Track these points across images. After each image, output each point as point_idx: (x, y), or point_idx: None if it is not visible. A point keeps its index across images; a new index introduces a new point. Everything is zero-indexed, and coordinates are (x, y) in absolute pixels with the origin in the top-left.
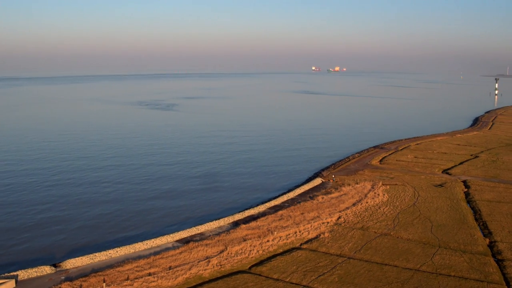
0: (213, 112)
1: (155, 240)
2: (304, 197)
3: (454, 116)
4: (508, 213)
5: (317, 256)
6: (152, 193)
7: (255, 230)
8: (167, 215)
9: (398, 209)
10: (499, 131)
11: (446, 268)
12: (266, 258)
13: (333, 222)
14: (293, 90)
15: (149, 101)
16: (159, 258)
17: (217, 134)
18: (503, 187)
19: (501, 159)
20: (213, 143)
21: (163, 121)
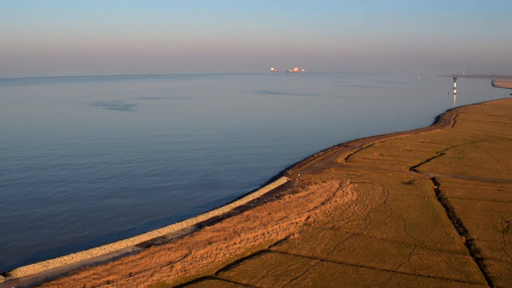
0: (172, 112)
1: (113, 244)
2: (270, 196)
3: (416, 114)
4: (481, 210)
5: (288, 258)
6: (108, 193)
7: (220, 232)
8: (126, 218)
9: (368, 207)
10: (462, 129)
11: (425, 269)
12: (234, 262)
13: (303, 222)
14: (253, 90)
15: (107, 102)
16: (118, 264)
17: (176, 133)
18: (473, 183)
19: (468, 156)
20: (171, 142)
21: (120, 120)
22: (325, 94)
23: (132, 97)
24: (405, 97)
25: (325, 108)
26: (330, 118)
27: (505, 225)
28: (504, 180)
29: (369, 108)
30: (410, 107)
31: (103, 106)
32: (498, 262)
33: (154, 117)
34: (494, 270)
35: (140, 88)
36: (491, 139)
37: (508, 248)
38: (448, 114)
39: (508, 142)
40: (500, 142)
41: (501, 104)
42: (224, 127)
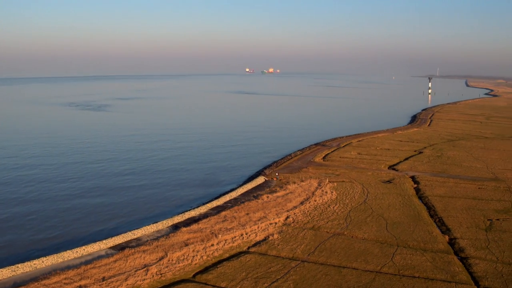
0: (146, 112)
1: (86, 247)
2: (248, 196)
3: (392, 114)
4: (463, 208)
5: (267, 260)
6: (79, 193)
7: (197, 234)
8: (98, 219)
9: (348, 207)
10: (438, 128)
11: (409, 269)
12: (212, 264)
13: (282, 223)
14: (229, 90)
15: (80, 102)
16: (91, 267)
17: (151, 133)
18: (453, 182)
19: (446, 154)
20: (145, 142)
21: (92, 121)
22: (301, 94)
23: (106, 97)
24: (381, 97)
25: (301, 108)
26: (306, 118)
27: (487, 223)
28: (484, 178)
29: (345, 107)
30: (386, 107)
31: (76, 106)
32: (483, 261)
33: (127, 117)
34: (479, 269)
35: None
36: (468, 137)
37: (492, 247)
38: (424, 113)
39: (486, 140)
40: (478, 140)
41: (476, 104)
42: (199, 127)
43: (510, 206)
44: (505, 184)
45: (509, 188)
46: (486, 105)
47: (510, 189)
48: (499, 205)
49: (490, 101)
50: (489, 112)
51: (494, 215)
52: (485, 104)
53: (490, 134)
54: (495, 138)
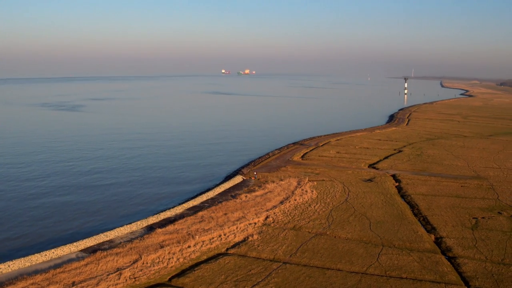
0: (122, 112)
1: (55, 250)
2: (226, 196)
3: (369, 113)
4: (447, 207)
5: (247, 262)
6: (47, 191)
7: (173, 235)
8: (69, 219)
9: (330, 206)
10: (416, 127)
11: (396, 270)
12: (189, 267)
13: (261, 223)
14: (205, 91)
15: (54, 103)
16: (60, 272)
17: (125, 133)
18: (435, 180)
19: (426, 153)
20: (119, 141)
21: (64, 120)
22: (277, 95)
23: (81, 98)
24: (357, 97)
25: (277, 108)
26: (283, 118)
27: (473, 222)
28: (466, 177)
29: (321, 107)
30: (363, 107)
31: (49, 107)
32: (472, 260)
33: (100, 116)
34: (469, 269)
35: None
36: (447, 136)
37: (480, 246)
38: (401, 113)
39: (465, 139)
40: (457, 139)
41: (452, 104)
42: (174, 126)
43: (495, 204)
44: (487, 182)
45: (492, 186)
46: (463, 105)
47: (493, 187)
48: (483, 203)
49: (466, 101)
50: (466, 111)
51: (479, 213)
52: (461, 104)
53: (468, 133)
54: (474, 137)
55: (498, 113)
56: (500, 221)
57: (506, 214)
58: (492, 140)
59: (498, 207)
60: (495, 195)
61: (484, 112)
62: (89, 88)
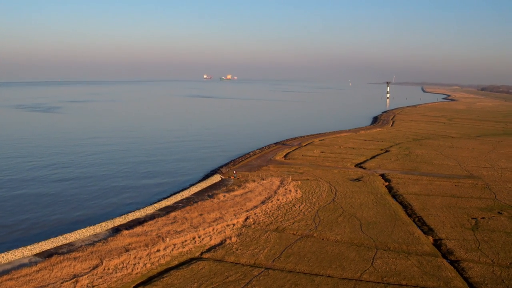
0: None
1: (5, 254)
2: (202, 196)
3: (352, 115)
4: (442, 207)
5: (224, 267)
6: (3, 193)
7: (141, 237)
8: (24, 221)
9: (316, 206)
10: (402, 128)
11: (394, 276)
12: (157, 273)
13: (241, 224)
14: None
15: (29, 105)
16: (7, 279)
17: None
18: (427, 179)
19: (414, 153)
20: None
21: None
22: (259, 98)
23: (58, 100)
24: (340, 101)
25: (259, 110)
26: (265, 119)
27: (473, 222)
28: (459, 176)
29: (304, 110)
30: (346, 109)
31: (23, 108)
32: (478, 264)
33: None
34: (475, 274)
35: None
36: (434, 137)
37: (484, 248)
38: (385, 115)
39: (453, 139)
40: (444, 139)
41: (436, 107)
42: (152, 127)
43: (493, 204)
44: (482, 182)
45: (488, 186)
46: (446, 108)
47: (489, 187)
48: (481, 203)
49: (449, 105)
50: (450, 114)
51: (478, 214)
52: (444, 107)
53: (455, 134)
54: (461, 137)
55: (483, 115)
56: (501, 222)
57: (507, 214)
58: (480, 140)
59: (497, 207)
60: (492, 194)
61: (469, 114)
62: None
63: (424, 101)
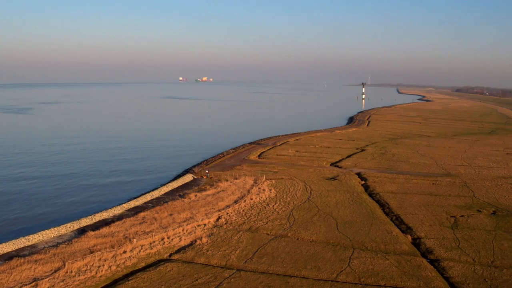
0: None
1: None
2: (173, 195)
3: (328, 115)
4: (420, 205)
5: (194, 269)
6: None
7: (107, 238)
8: None
9: (290, 205)
10: (378, 128)
11: (372, 276)
12: (122, 276)
13: (212, 224)
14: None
15: None
16: None
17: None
18: (404, 178)
19: (390, 152)
20: (64, 139)
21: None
22: (235, 99)
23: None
24: (315, 102)
25: (234, 111)
26: (239, 119)
27: (452, 221)
28: (436, 174)
29: (279, 111)
30: (321, 110)
31: None
32: (458, 263)
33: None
34: (456, 273)
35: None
36: (410, 136)
37: (464, 246)
38: (360, 115)
39: (429, 139)
40: (421, 139)
41: (412, 107)
42: (126, 128)
43: (472, 202)
44: (460, 180)
45: (466, 184)
46: (422, 108)
47: (467, 185)
48: (460, 201)
49: (424, 105)
50: (426, 114)
51: (456, 212)
52: (420, 107)
53: (431, 133)
54: (437, 137)
55: (458, 115)
56: (481, 220)
57: (487, 212)
58: (456, 139)
59: (476, 205)
60: (471, 192)
61: (444, 114)
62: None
63: (399, 101)
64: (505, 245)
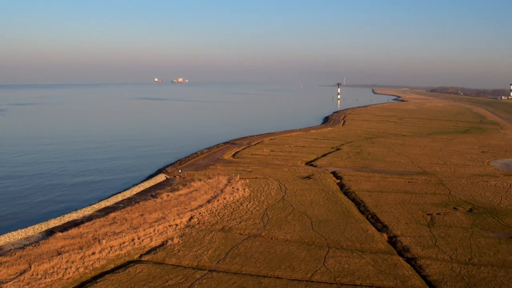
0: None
1: None
2: (145, 195)
3: (303, 116)
4: (396, 203)
5: (164, 270)
6: None
7: (76, 240)
8: None
9: (265, 204)
10: (353, 127)
11: (347, 275)
12: (91, 278)
13: (184, 224)
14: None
15: None
16: None
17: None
18: (379, 176)
19: (366, 151)
20: (31, 140)
21: None
22: (210, 100)
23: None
24: (290, 102)
25: (208, 111)
26: (214, 120)
27: (428, 218)
28: (412, 172)
29: (253, 111)
30: (296, 110)
31: None
32: (435, 261)
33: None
34: (433, 271)
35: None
36: (386, 135)
37: (441, 244)
38: (336, 115)
39: (404, 138)
40: (396, 138)
41: (387, 107)
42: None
43: (448, 200)
44: (435, 178)
45: (442, 181)
46: (397, 108)
47: (442, 182)
48: (436, 199)
49: (399, 105)
50: (401, 114)
51: (433, 209)
52: (395, 107)
53: (407, 132)
54: (413, 136)
55: (433, 115)
56: (457, 217)
57: (463, 209)
58: (431, 138)
59: (453, 202)
60: (447, 190)
61: (419, 114)
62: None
63: (375, 102)
64: (482, 242)
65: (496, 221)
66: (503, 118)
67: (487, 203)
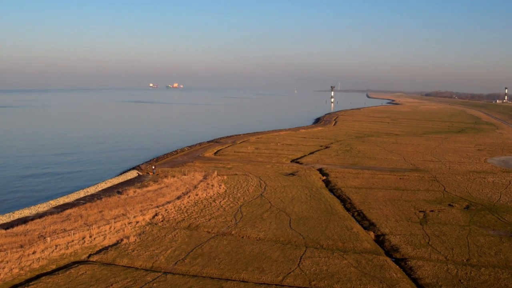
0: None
1: None
2: (110, 192)
3: (294, 117)
4: (386, 200)
5: (111, 272)
6: None
7: (19, 237)
8: None
9: (240, 201)
10: (344, 127)
11: (325, 278)
12: (24, 280)
13: (146, 221)
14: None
15: None
16: None
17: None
18: (369, 173)
19: (356, 148)
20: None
21: None
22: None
23: None
24: (283, 105)
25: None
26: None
27: (421, 216)
28: (404, 169)
29: (245, 112)
30: (288, 112)
31: None
32: (428, 262)
33: None
34: (426, 273)
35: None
36: (378, 134)
37: (435, 243)
38: (328, 116)
39: (397, 136)
40: (388, 136)
41: (380, 109)
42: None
43: (442, 196)
44: (429, 174)
45: (436, 178)
46: (391, 110)
47: (437, 179)
48: (429, 195)
49: (393, 107)
50: (394, 115)
51: (426, 206)
52: (389, 109)
53: (400, 131)
54: (406, 135)
55: (427, 116)
56: (453, 214)
57: (459, 206)
58: (425, 137)
59: (448, 199)
60: (441, 187)
61: (413, 115)
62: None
63: (368, 105)
64: (481, 241)
65: (496, 218)
66: (499, 119)
67: (486, 200)
